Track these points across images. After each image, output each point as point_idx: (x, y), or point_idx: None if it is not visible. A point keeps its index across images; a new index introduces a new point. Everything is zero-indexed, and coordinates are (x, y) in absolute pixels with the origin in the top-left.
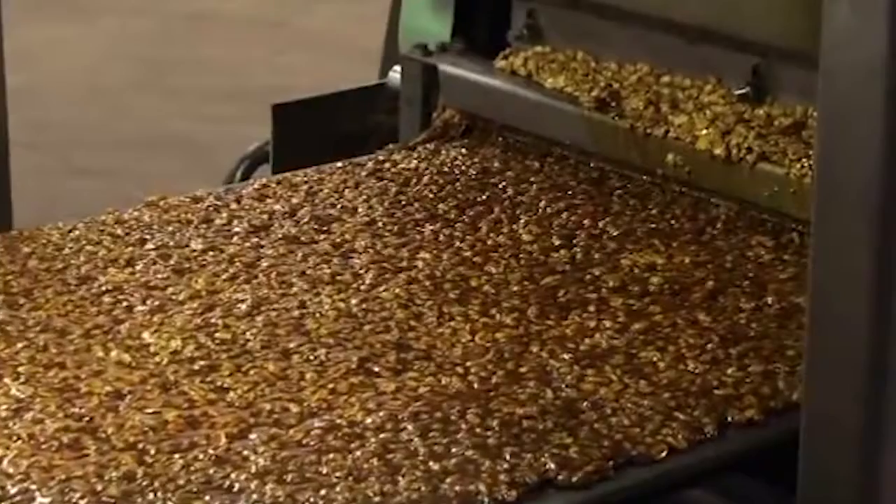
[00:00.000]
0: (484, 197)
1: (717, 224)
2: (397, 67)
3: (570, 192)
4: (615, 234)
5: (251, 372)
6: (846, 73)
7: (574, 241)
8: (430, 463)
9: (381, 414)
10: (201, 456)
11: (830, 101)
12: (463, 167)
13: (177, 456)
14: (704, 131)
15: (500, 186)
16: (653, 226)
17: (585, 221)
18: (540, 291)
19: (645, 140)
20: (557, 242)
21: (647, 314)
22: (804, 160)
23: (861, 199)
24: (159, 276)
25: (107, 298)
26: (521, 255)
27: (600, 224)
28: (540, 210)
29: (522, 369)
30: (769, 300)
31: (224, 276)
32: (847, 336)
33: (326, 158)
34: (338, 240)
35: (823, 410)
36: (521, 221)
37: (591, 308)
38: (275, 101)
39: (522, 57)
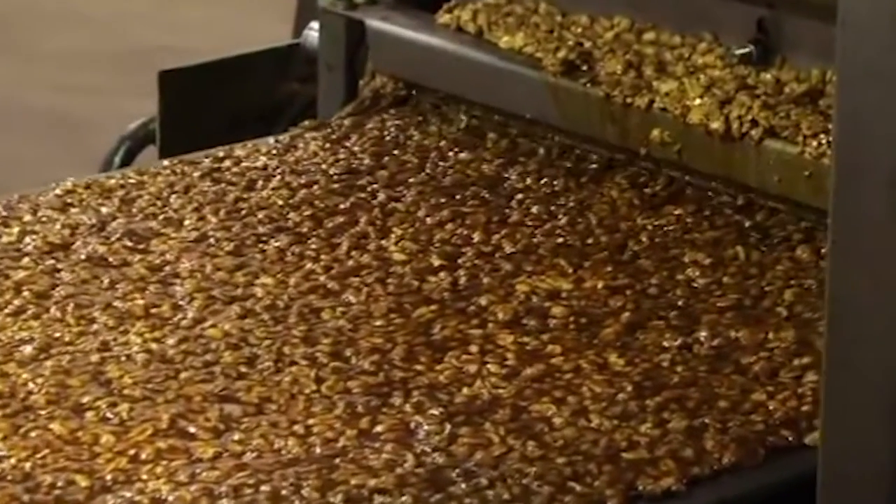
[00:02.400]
0: (348, 204)
1: (642, 237)
2: (314, 24)
3: (457, 197)
4: (511, 251)
5: (31, 434)
6: (871, 26)
7: (458, 261)
8: None
9: (193, 488)
10: None
11: (852, 61)
12: (324, 165)
13: None
14: (698, 101)
15: (370, 190)
16: (560, 240)
17: (475, 235)
18: (409, 327)
19: (624, 112)
20: (437, 263)
21: (544, 356)
22: (822, 136)
23: (890, 181)
24: None
25: None
26: (389, 280)
27: (493, 238)
28: (418, 221)
29: (379, 428)
30: (701, 336)
31: (6, 310)
32: (872, 352)
33: (227, 138)
34: (156, 261)
35: (844, 455)
36: (393, 236)
37: (473, 348)
38: (162, 66)
39: (471, 10)
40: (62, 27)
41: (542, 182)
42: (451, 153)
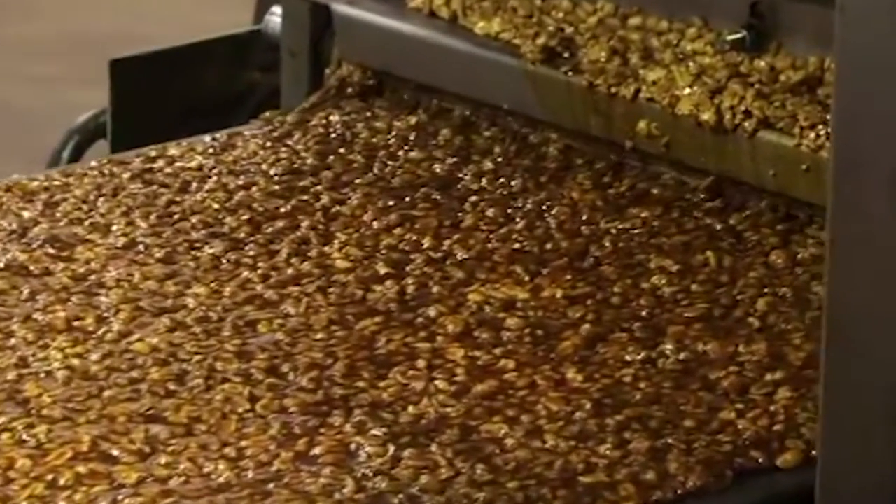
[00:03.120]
0: (288, 207)
1: (605, 242)
2: (277, 9)
3: (407, 199)
4: (463, 257)
5: None
6: (872, 10)
7: (406, 269)
8: None
9: None
10: None
11: (851, 47)
12: (264, 165)
13: None
14: (688, 90)
15: (313, 192)
16: (516, 246)
17: (425, 241)
18: (352, 340)
19: (609, 102)
20: (383, 271)
21: (497, 371)
22: (820, 127)
23: (893, 175)
24: None
25: None
26: (331, 289)
27: (444, 244)
28: (363, 225)
29: (317, 450)
30: (666, 349)
31: None
32: (874, 357)
33: (183, 131)
34: (80, 270)
35: (843, 466)
36: (336, 241)
37: (420, 363)
38: (114, 54)
39: None
40: (8, 13)
41: (499, 182)
42: (400, 151)
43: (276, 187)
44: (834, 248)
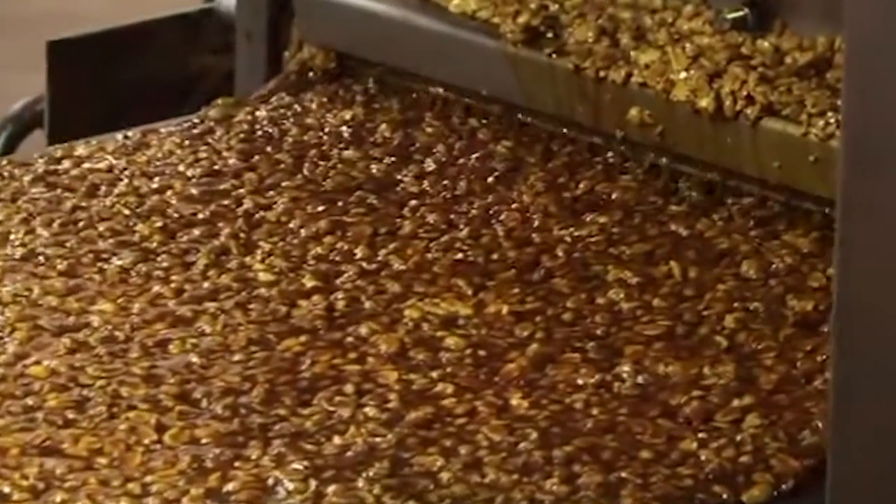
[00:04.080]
0: (207, 213)
1: (558, 252)
2: None
3: (339, 204)
4: (400, 269)
5: None
6: None
7: (336, 282)
8: None
9: None
10: None
11: (863, 26)
12: (182, 166)
13: None
14: (684, 74)
15: (234, 196)
16: (459, 256)
17: (358, 250)
18: (273, 362)
19: (597, 87)
20: (310, 284)
21: (433, 396)
22: (829, 114)
23: None
24: None
25: None
26: (251, 305)
27: (380, 254)
28: (290, 233)
29: (230, 486)
30: (623, 372)
31: None
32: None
33: (128, 120)
34: None
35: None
36: (259, 251)
37: (349, 388)
38: (51, 35)
39: None
40: None
41: (442, 185)
42: (334, 150)
43: (194, 191)
44: (844, 247)
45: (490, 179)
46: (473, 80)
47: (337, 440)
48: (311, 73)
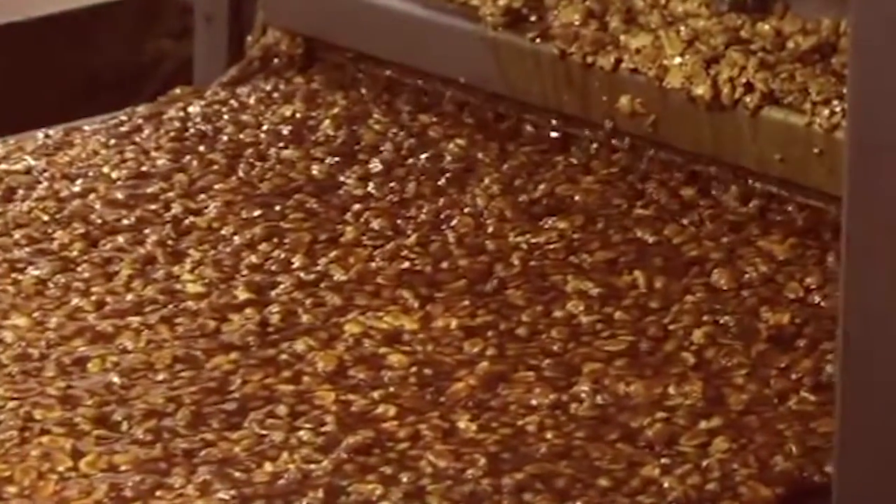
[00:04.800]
0: (132, 219)
1: (513, 260)
2: None
3: (276, 208)
4: (341, 279)
5: None
6: None
7: (271, 294)
8: None
9: None
10: None
11: (871, 7)
12: (106, 168)
13: None
14: (678, 60)
15: (163, 200)
16: (406, 265)
17: (295, 259)
18: (200, 382)
19: (584, 74)
20: (243, 296)
21: (374, 419)
22: (835, 102)
23: None
24: None
25: None
26: (178, 320)
27: (320, 263)
28: (222, 240)
29: None
30: (581, 391)
31: None
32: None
33: (76, 112)
34: None
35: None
36: (189, 261)
37: (282, 410)
38: None
39: None
40: None
41: (388, 187)
42: (272, 150)
43: (119, 195)
44: (850, 245)
45: (441, 181)
46: (450, 67)
47: (268, 467)
48: (275, 60)
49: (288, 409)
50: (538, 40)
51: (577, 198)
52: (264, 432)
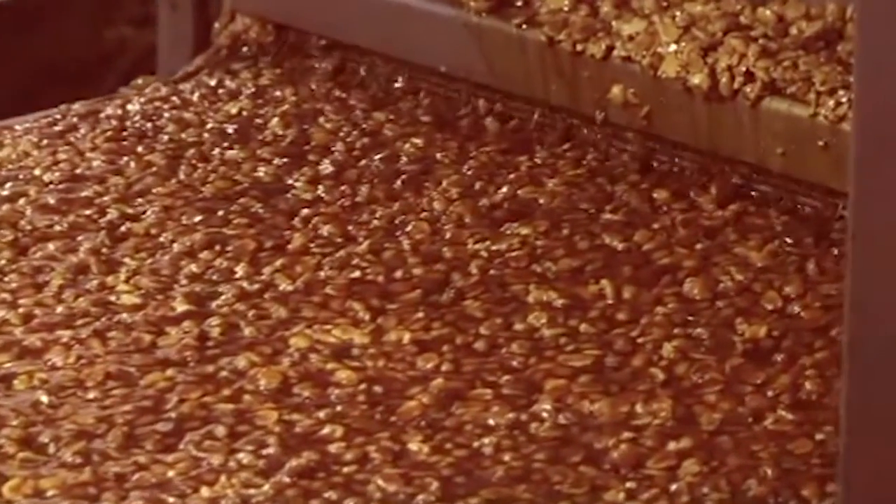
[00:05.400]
0: (65, 225)
1: (471, 269)
2: None
3: (219, 213)
4: (288, 290)
5: None
6: None
7: (212, 306)
8: None
9: None
10: None
11: None
12: (38, 170)
13: None
14: (673, 47)
15: (97, 204)
16: (357, 275)
17: (238, 268)
18: (134, 400)
19: (574, 63)
20: (181, 308)
21: (320, 440)
22: (841, 92)
23: None
24: None
25: None
26: (111, 333)
27: (264, 272)
28: (160, 248)
29: None
30: (542, 410)
31: None
32: None
33: (35, 102)
34: None
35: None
36: (124, 270)
37: (221, 430)
38: None
39: None
40: None
41: (339, 190)
42: (215, 150)
43: (51, 199)
44: (857, 243)
45: (396, 184)
46: (430, 55)
47: (205, 492)
48: (244, 48)
49: (227, 430)
50: (525, 27)
51: (541, 201)
52: (201, 455)
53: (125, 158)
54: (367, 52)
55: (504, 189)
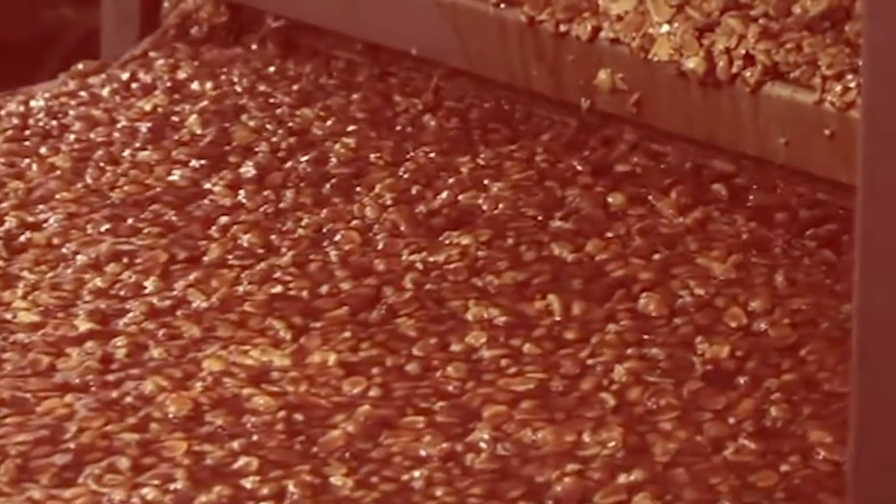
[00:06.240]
0: None
1: (406, 283)
2: None
3: (129, 221)
4: (202, 306)
5: None
6: None
7: (118, 325)
8: None
9: None
10: None
11: None
12: None
13: None
14: (666, 28)
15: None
16: (279, 289)
17: (148, 282)
18: (30, 430)
19: (557, 45)
20: (83, 327)
21: (233, 474)
22: (849, 77)
23: None
24: None
25: None
26: (6, 356)
27: (177, 287)
28: (62, 260)
29: None
30: (480, 439)
31: None
32: None
33: None
34: None
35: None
36: (21, 285)
37: (124, 463)
38: None
39: None
40: None
41: (262, 196)
42: (126, 151)
43: None
44: (866, 241)
45: (324, 189)
46: (399, 37)
47: None
48: (194, 29)
49: (131, 462)
50: (503, 5)
51: (484, 208)
52: (102, 490)
53: (26, 160)
54: (326, 34)
55: (443, 194)
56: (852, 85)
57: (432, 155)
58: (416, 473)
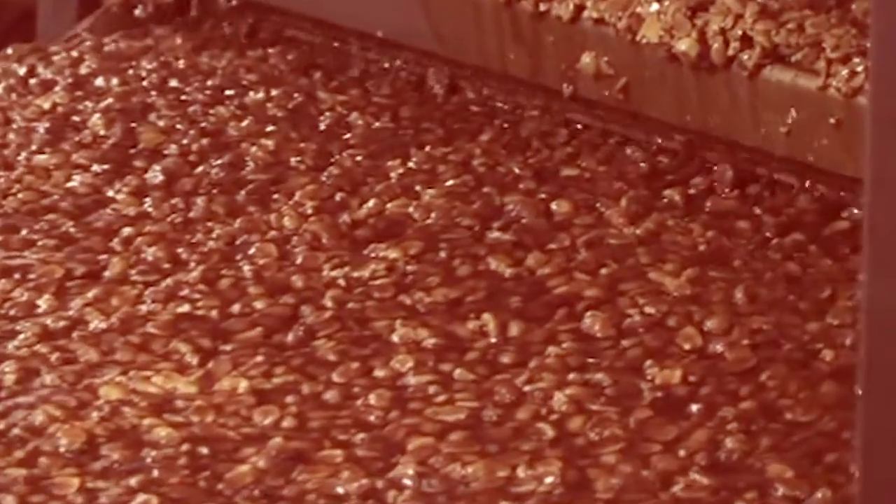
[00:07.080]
0: None
1: (326, 301)
2: None
3: (23, 233)
4: (100, 327)
5: None
6: None
7: (7, 348)
8: None
9: None
10: None
11: None
12: None
13: None
14: (655, 6)
15: None
16: (185, 308)
17: (42, 301)
18: None
19: (536, 26)
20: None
21: None
22: (856, 60)
23: None
24: None
25: None
26: None
27: (72, 306)
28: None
29: None
30: (403, 475)
31: None
32: None
33: None
34: None
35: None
36: None
37: (10, 502)
38: None
39: None
40: None
41: (170, 204)
42: (21, 155)
43: None
44: (874, 236)
45: (239, 196)
46: (365, 18)
47: None
48: (137, 10)
49: (17, 501)
50: None
51: (414, 217)
52: None
53: None
54: (283, 13)
55: (370, 202)
56: (859, 69)
57: (359, 158)
58: None
